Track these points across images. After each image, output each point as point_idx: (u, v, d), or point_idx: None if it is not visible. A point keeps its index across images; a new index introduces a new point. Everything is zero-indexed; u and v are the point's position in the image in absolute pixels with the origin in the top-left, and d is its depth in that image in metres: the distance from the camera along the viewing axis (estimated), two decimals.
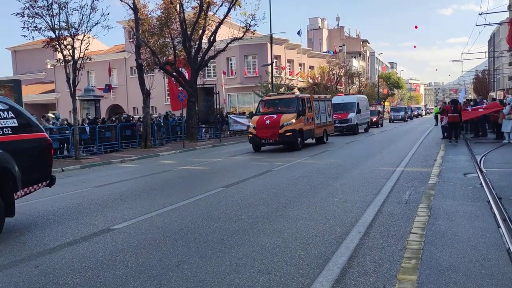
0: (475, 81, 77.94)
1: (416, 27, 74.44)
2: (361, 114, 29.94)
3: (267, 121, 18.12)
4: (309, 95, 24.66)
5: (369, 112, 33.57)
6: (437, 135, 22.89)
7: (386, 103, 74.17)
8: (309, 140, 20.65)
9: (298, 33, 51.72)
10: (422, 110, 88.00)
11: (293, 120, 18.03)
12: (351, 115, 27.91)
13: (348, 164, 12.59)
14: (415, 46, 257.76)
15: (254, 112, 24.52)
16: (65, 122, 21.29)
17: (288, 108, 18.92)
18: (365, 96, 37.84)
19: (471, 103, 23.46)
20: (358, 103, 29.51)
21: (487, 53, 63.40)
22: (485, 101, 25.53)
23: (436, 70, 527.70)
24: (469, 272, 4.14)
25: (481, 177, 9.22)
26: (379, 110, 40.34)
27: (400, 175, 10.20)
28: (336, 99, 29.76)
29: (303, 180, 10.08)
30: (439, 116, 39.24)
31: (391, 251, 4.82)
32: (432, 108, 71.13)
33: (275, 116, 18.23)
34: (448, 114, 19.25)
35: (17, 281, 4.49)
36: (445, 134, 20.51)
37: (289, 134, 17.74)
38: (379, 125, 38.57)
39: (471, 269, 4.22)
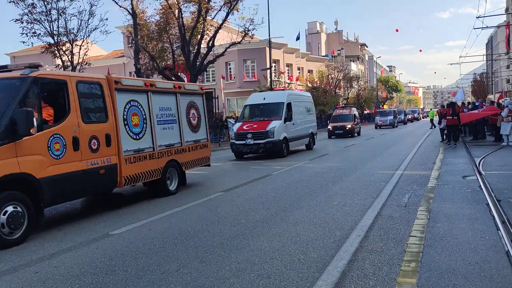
0: (473, 84, 78.13)
1: (397, 30, 74.60)
2: (297, 122, 18.81)
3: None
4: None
5: (314, 117, 22.29)
6: (435, 138, 22.91)
7: (385, 106, 74.20)
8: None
9: (297, 38, 51.86)
10: (419, 114, 72.31)
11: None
12: (274, 125, 16.79)
13: (347, 168, 12.59)
14: (420, 50, 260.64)
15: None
16: None
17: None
18: (307, 93, 24.75)
19: (469, 106, 23.51)
20: (288, 104, 18.11)
21: (485, 56, 63.61)
22: (484, 104, 25.60)
23: (435, 73, 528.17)
24: (468, 275, 4.14)
25: (480, 179, 9.23)
26: (354, 115, 30.93)
27: (399, 178, 10.21)
28: (254, 98, 19.39)
29: (302, 184, 10.08)
30: (434, 119, 39.56)
31: (391, 254, 4.82)
32: (428, 111, 62.38)
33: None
34: (447, 117, 19.27)
35: (16, 287, 4.48)
36: (444, 137, 20.55)
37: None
38: (354, 134, 29.23)
39: (471, 271, 4.22)
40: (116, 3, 22.98)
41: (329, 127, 30.63)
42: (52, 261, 5.27)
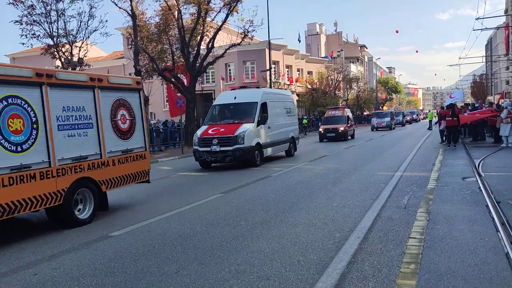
0: (473, 85, 78.19)
1: (397, 31, 74.80)
2: (275, 125, 16.40)
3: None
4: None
5: (295, 119, 19.75)
6: (435, 140, 22.92)
7: (384, 107, 74.20)
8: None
9: (299, 40, 51.94)
10: (418, 115, 72.13)
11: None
12: (245, 129, 14.44)
13: (347, 169, 12.59)
14: (417, 51, 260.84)
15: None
16: None
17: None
18: (288, 92, 22.25)
19: (469, 107, 23.53)
20: (264, 104, 15.73)
21: (484, 58, 63.66)
22: (484, 105, 25.60)
23: (435, 74, 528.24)
24: (468, 277, 4.14)
25: (479, 181, 9.23)
26: (347, 116, 28.56)
27: (399, 179, 10.21)
28: (224, 97, 17.07)
29: (301, 186, 10.07)
30: (433, 120, 39.56)
31: (390, 256, 4.82)
32: (427, 112, 61.00)
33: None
34: (446, 119, 19.28)
35: None
36: (444, 138, 20.56)
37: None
38: (347, 137, 27.06)
39: (470, 273, 4.22)
40: (116, 5, 23.00)
41: (320, 129, 28.40)
42: (51, 262, 5.26)
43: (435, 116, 31.94)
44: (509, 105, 17.58)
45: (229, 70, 44.50)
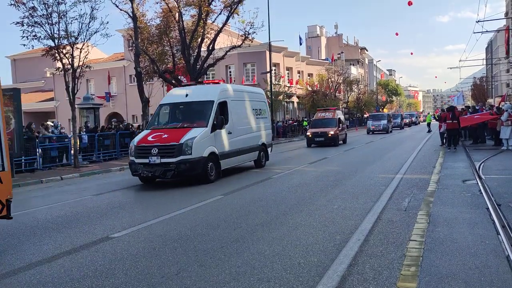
0: (473, 88, 78.23)
1: (397, 34, 75.12)
2: (238, 130, 13.42)
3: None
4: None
5: (268, 122, 16.32)
6: (435, 143, 22.92)
7: (385, 110, 74.22)
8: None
9: (300, 43, 51.99)
10: (417, 117, 70.95)
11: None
12: (194, 134, 11.52)
13: (347, 171, 12.59)
14: (412, 53, 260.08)
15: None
16: (63, 131, 21.29)
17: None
18: (258, 90, 17.41)
19: (470, 110, 23.54)
20: (222, 104, 12.87)
21: (484, 60, 63.71)
22: (484, 108, 25.62)
23: (436, 77, 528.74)
24: (468, 279, 4.13)
25: (480, 184, 9.23)
26: (339, 119, 25.92)
27: (399, 182, 10.21)
28: (173, 95, 14.17)
29: (302, 188, 10.08)
30: (431, 123, 39.55)
31: (391, 259, 4.82)
32: (426, 115, 60.42)
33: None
34: (446, 121, 19.29)
35: None
36: (444, 141, 20.56)
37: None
38: (338, 142, 24.69)
39: (471, 276, 4.22)
40: (117, 7, 23.01)
41: (308, 133, 25.84)
42: (52, 264, 5.26)
43: (435, 119, 31.82)
44: (509, 108, 17.59)
45: (230, 72, 44.55)
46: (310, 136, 25.32)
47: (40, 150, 17.12)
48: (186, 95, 12.97)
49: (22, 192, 12.36)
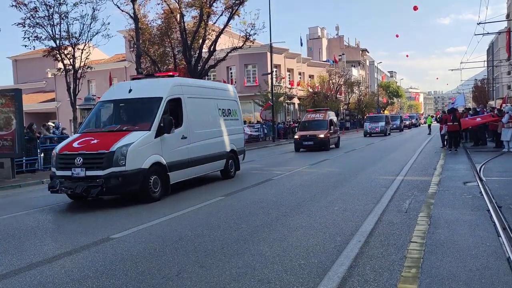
0: (474, 90, 78.21)
1: (397, 35, 75.28)
2: (196, 134, 11.04)
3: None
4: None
5: (239, 125, 13.98)
6: (436, 144, 22.91)
7: (386, 111, 74.23)
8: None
9: (301, 44, 52.07)
10: (417, 119, 70.24)
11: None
12: (130, 140, 9.07)
13: (348, 173, 12.59)
14: (407, 55, 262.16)
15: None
16: (64, 131, 21.30)
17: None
18: (226, 86, 15.22)
19: (470, 112, 23.53)
20: (175, 101, 10.56)
21: (486, 62, 63.68)
22: (485, 110, 25.60)
23: (437, 78, 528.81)
24: (469, 281, 4.13)
25: (481, 185, 9.23)
26: (330, 120, 23.47)
27: (400, 184, 10.21)
28: (115, 90, 11.47)
29: (303, 189, 10.07)
30: (431, 125, 39.53)
31: (391, 260, 4.81)
32: (426, 117, 60.07)
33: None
34: (447, 123, 19.29)
35: None
36: (445, 143, 20.56)
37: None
38: (329, 146, 22.42)
39: (471, 278, 4.22)
40: (118, 8, 23.09)
41: (296, 136, 23.51)
42: (53, 264, 5.26)
43: (436, 121, 31.70)
44: (510, 110, 17.60)
45: (231, 73, 44.60)
46: (298, 139, 22.89)
47: (40, 150, 17.14)
48: (130, 91, 10.38)
49: (23, 192, 12.37)
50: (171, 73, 12.20)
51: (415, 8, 31.38)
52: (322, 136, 22.17)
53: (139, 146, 9.01)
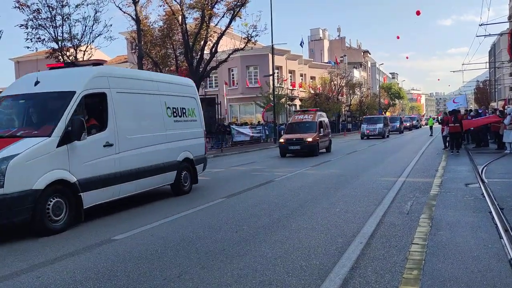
0: (476, 91, 78.14)
1: (398, 37, 75.05)
2: (128, 140, 8.49)
3: None
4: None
5: (198, 127, 11.35)
6: (438, 146, 22.88)
7: (387, 113, 74.19)
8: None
9: (301, 44, 52.01)
10: (418, 121, 68.32)
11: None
12: (16, 150, 6.57)
13: (350, 175, 12.58)
14: (407, 57, 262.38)
15: None
16: None
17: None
18: (179, 79, 12.12)
19: (472, 113, 23.50)
20: (97, 98, 8.12)
21: (487, 64, 63.65)
22: (487, 111, 25.58)
23: (438, 79, 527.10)
24: (471, 283, 4.13)
25: (482, 187, 9.21)
26: (320, 122, 21.49)
27: (401, 185, 10.19)
28: (20, 84, 8.78)
29: (304, 190, 10.07)
30: (433, 126, 39.40)
31: (393, 262, 4.81)
32: (427, 118, 59.06)
33: None
34: (449, 125, 19.26)
35: None
36: (447, 144, 20.53)
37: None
38: (318, 151, 20.29)
39: (473, 280, 4.21)
40: (120, 9, 23.18)
41: (281, 140, 21.04)
42: (54, 266, 5.27)
43: (438, 122, 31.50)
44: None
45: (232, 75, 44.65)
46: (283, 143, 20.46)
47: None
48: (36, 83, 8.02)
49: None
50: (100, 61, 9.95)
51: (418, 13, 31.21)
52: (310, 139, 19.82)
53: (27, 159, 6.59)
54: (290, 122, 23.12)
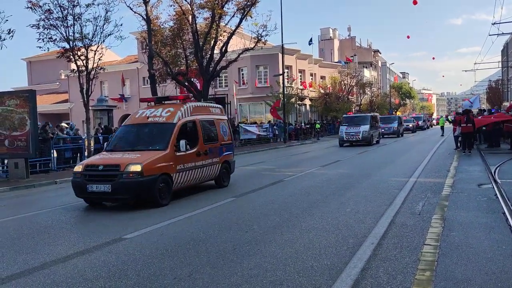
0: (488, 91, 77.24)
1: (408, 37, 74.18)
2: None
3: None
4: None
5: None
6: (449, 146, 22.66)
7: (398, 112, 73.67)
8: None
9: (309, 42, 51.79)
10: (425, 121, 61.31)
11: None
12: None
13: (360, 174, 12.50)
14: (433, 58, 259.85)
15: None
16: (78, 132, 21.47)
17: None
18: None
19: (485, 113, 23.25)
20: None
21: (500, 63, 62.86)
22: (499, 111, 25.28)
23: (443, 76, 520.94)
24: (485, 285, 4.06)
25: (495, 188, 9.09)
26: (184, 124, 11.96)
27: (413, 185, 10.10)
28: None
29: (314, 190, 10.03)
30: (444, 126, 38.95)
31: (405, 263, 4.76)
32: (438, 118, 56.69)
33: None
34: (461, 125, 19.06)
35: None
36: (458, 144, 20.32)
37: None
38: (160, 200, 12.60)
39: (487, 281, 4.15)
40: (131, 9, 23.24)
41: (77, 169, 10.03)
42: (66, 264, 5.30)
43: (449, 122, 31.05)
44: None
45: (242, 74, 44.59)
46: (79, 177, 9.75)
47: (54, 151, 17.29)
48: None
49: (36, 192, 12.50)
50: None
51: (415, 2, 30.64)
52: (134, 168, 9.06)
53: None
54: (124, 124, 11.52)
